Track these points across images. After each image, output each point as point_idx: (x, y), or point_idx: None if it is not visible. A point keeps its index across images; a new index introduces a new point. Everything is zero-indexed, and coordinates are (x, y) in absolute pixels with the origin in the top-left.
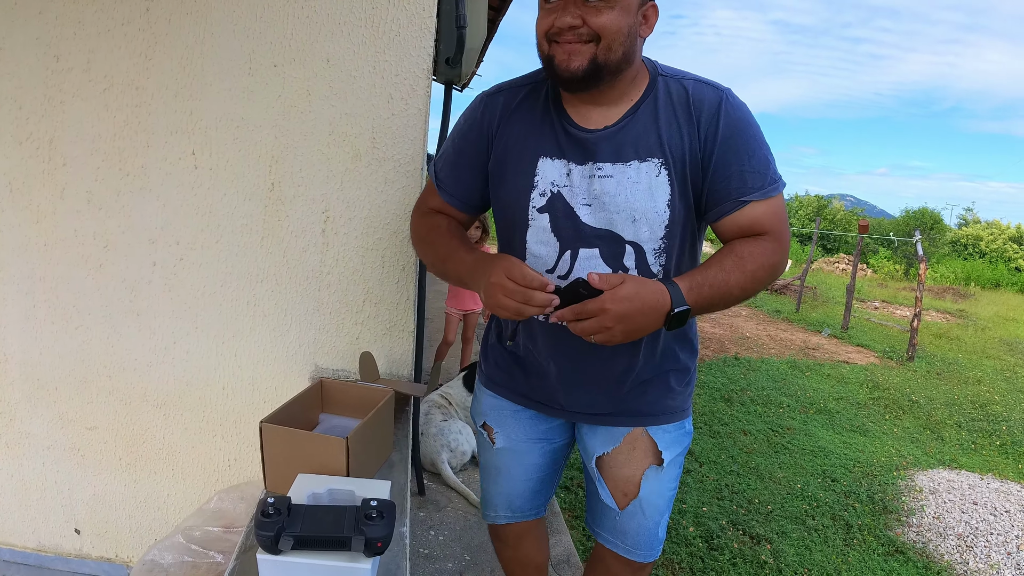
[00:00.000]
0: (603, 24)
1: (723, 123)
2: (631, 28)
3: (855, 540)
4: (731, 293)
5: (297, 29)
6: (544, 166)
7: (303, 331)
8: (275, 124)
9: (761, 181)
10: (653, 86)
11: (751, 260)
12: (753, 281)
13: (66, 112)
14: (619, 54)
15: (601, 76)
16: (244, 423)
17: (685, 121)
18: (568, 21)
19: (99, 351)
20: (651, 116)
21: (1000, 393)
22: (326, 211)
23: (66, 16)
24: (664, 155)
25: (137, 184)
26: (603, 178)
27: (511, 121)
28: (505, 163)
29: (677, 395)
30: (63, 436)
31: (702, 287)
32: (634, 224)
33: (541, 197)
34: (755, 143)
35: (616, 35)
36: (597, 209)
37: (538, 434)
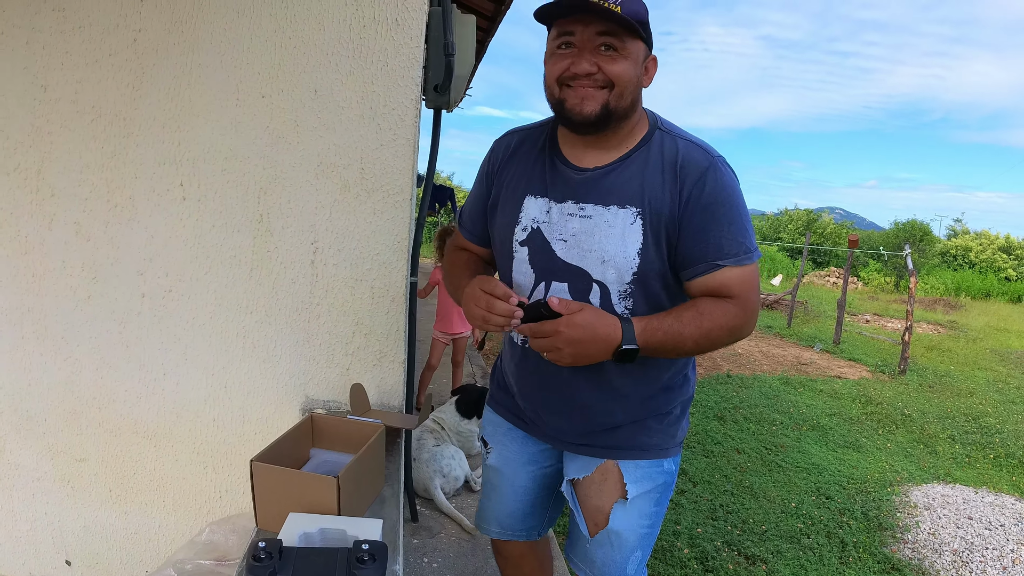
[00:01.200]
0: (618, 72)
1: (707, 189)
2: (638, 78)
3: (850, 558)
4: (683, 344)
5: (285, 59)
6: (528, 204)
7: (293, 362)
8: (263, 155)
9: (737, 249)
10: (649, 138)
11: (709, 319)
12: (707, 339)
13: (54, 143)
14: (628, 101)
15: (610, 121)
16: (235, 455)
17: (670, 179)
18: (586, 68)
19: (88, 382)
20: (640, 166)
21: (993, 405)
22: (315, 242)
23: (53, 47)
24: (642, 205)
25: (125, 215)
26: (583, 218)
27: (511, 162)
28: (499, 200)
29: (654, 433)
30: (53, 468)
31: (656, 332)
32: (602, 265)
33: (523, 232)
34: (735, 212)
35: (628, 83)
36: (571, 246)
37: (527, 456)
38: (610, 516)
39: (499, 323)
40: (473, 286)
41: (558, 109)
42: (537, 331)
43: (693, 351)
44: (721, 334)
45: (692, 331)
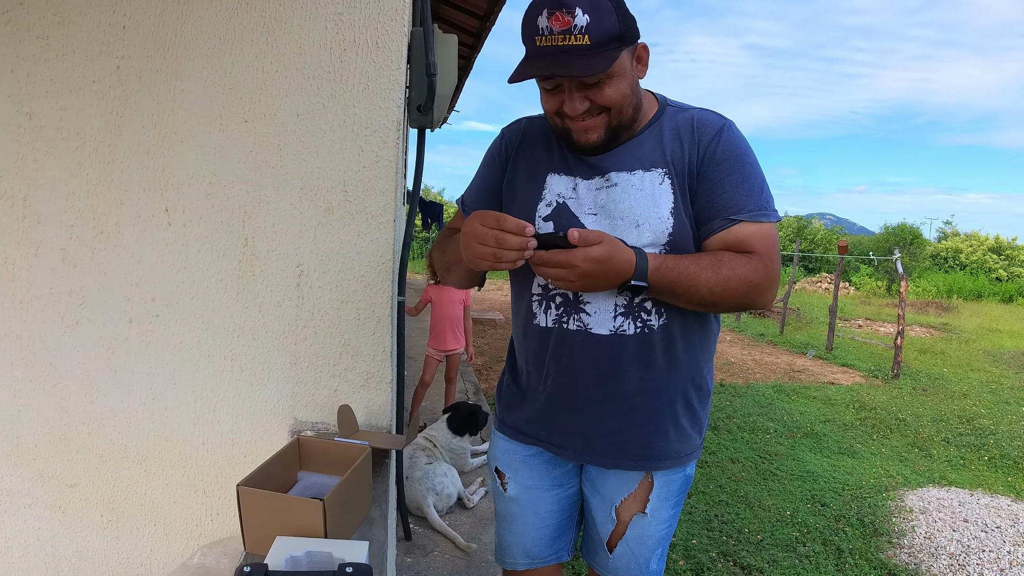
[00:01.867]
0: (609, 98)
1: (722, 145)
2: (633, 84)
3: (847, 565)
4: (697, 289)
5: (266, 84)
6: (552, 180)
7: (281, 385)
8: (247, 179)
9: (754, 204)
10: (660, 115)
11: (728, 266)
12: (724, 287)
13: (39, 170)
14: (630, 112)
15: (619, 136)
16: (225, 477)
17: (688, 140)
18: (577, 108)
19: (77, 408)
20: (657, 137)
21: (986, 406)
22: (300, 265)
23: (37, 74)
24: (668, 165)
25: (111, 241)
26: (609, 187)
27: (525, 145)
28: (516, 180)
29: (685, 437)
30: (43, 494)
31: (670, 271)
32: (637, 230)
33: (547, 207)
34: (750, 170)
35: (623, 101)
36: (602, 217)
37: (551, 480)
38: (628, 525)
39: (512, 258)
40: (472, 223)
41: (565, 137)
42: (551, 260)
43: (706, 300)
44: (739, 285)
45: (709, 276)
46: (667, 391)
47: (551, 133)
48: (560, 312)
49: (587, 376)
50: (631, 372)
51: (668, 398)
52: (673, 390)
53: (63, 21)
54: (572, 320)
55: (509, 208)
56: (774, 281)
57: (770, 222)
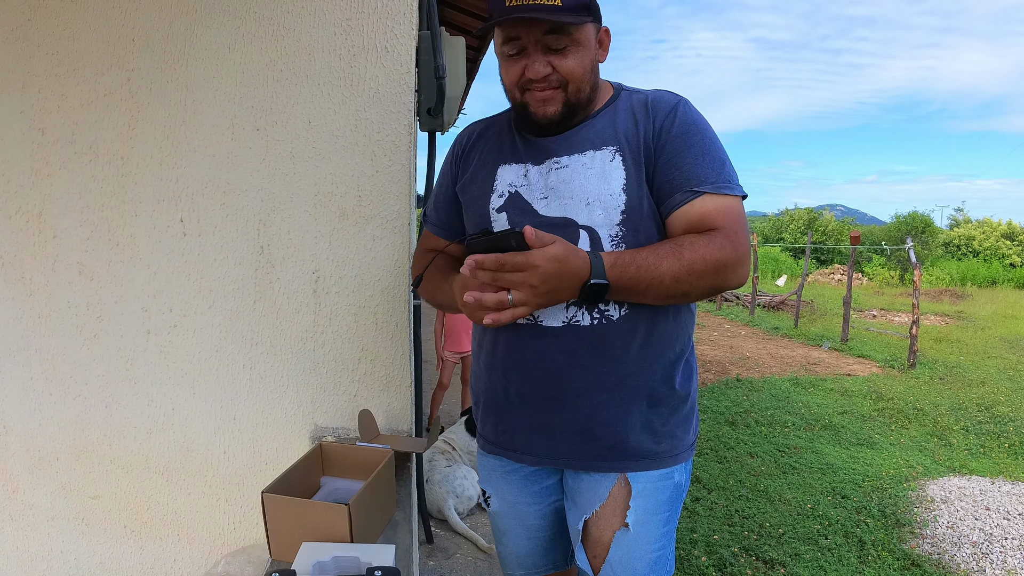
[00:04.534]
0: (570, 69)
1: (679, 120)
2: (593, 62)
3: (869, 557)
4: (660, 280)
5: (278, 92)
6: (503, 172)
7: (300, 391)
8: (261, 187)
9: (715, 177)
10: (615, 98)
11: (690, 250)
12: (689, 272)
13: (53, 185)
14: (587, 91)
15: (575, 114)
16: (247, 485)
17: (642, 116)
18: (540, 71)
19: (98, 420)
20: (610, 118)
21: (1005, 393)
22: (316, 271)
23: (49, 89)
24: (618, 143)
25: (127, 254)
26: (559, 169)
27: (476, 145)
28: (468, 179)
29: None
30: (67, 506)
31: (627, 266)
32: (588, 208)
33: (499, 198)
34: (710, 144)
35: (583, 76)
36: (552, 199)
37: (531, 496)
38: (611, 547)
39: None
40: (456, 292)
41: (521, 112)
42: (508, 263)
43: (673, 290)
44: (705, 267)
45: (671, 264)
46: (631, 387)
47: (503, 127)
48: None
49: (541, 372)
50: (588, 367)
51: (632, 395)
52: (639, 386)
53: (72, 36)
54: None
55: (464, 208)
56: (743, 258)
57: (734, 195)
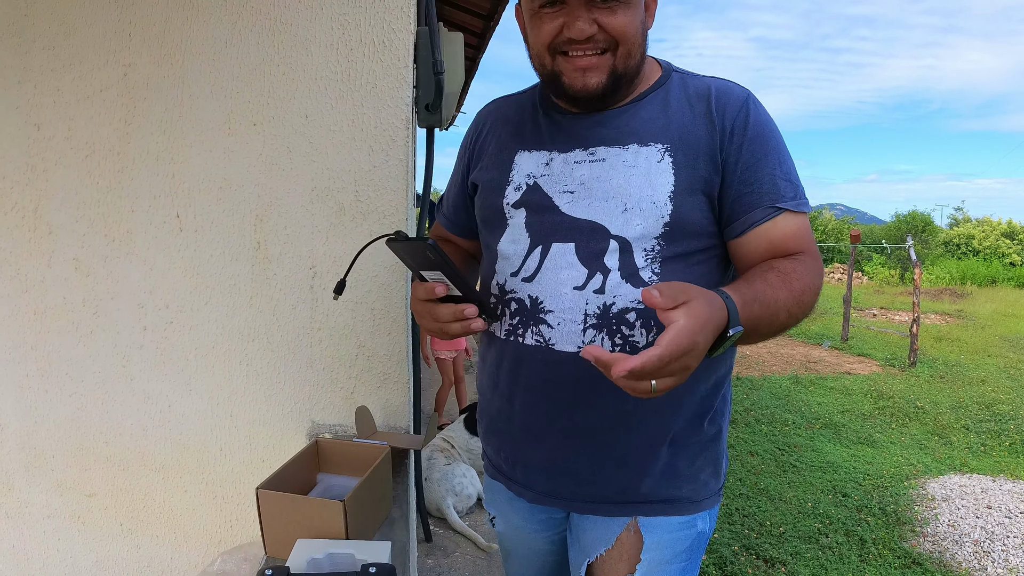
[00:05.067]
0: (622, 27)
1: (752, 121)
2: (644, 26)
3: (870, 555)
4: (777, 317)
5: (274, 87)
6: (521, 159)
7: (297, 388)
8: (257, 183)
9: (794, 191)
10: (666, 79)
11: (797, 278)
12: (799, 304)
13: (49, 180)
14: (637, 58)
15: (620, 88)
16: (243, 483)
17: (703, 113)
18: (584, 29)
19: (94, 417)
20: (661, 104)
21: (1005, 392)
22: (313, 267)
23: (45, 85)
24: (671, 140)
25: (123, 249)
26: (594, 162)
27: (495, 127)
28: (483, 167)
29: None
30: (63, 504)
31: (753, 304)
32: (624, 214)
33: (516, 192)
34: (784, 151)
35: (635, 38)
36: (581, 196)
37: (538, 523)
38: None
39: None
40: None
41: (553, 82)
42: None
43: (785, 325)
44: (810, 298)
45: (785, 297)
46: (654, 426)
47: (526, 106)
48: (515, 322)
49: (550, 402)
50: (605, 401)
51: (654, 435)
52: (662, 425)
53: (69, 31)
54: (530, 333)
55: (477, 203)
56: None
57: (807, 213)
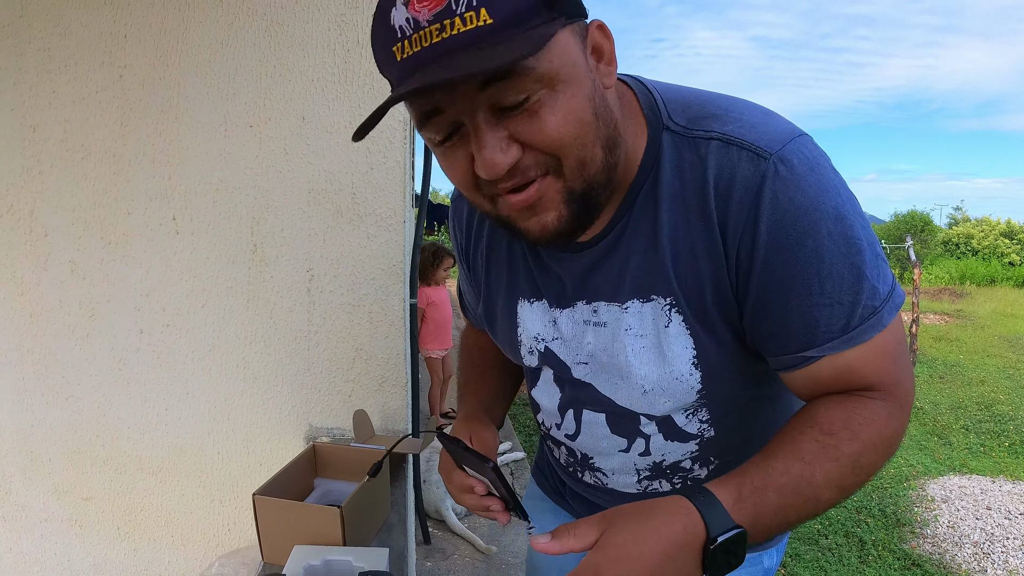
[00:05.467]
0: (555, 134)
1: (765, 224)
2: (594, 95)
3: (870, 557)
4: (818, 496)
5: (271, 88)
6: (524, 314)
7: (295, 391)
8: (254, 185)
9: (846, 318)
10: (655, 157)
11: (850, 437)
12: (855, 469)
13: (45, 182)
14: (600, 158)
15: (594, 209)
16: (241, 486)
17: (701, 225)
18: (497, 161)
19: (91, 420)
20: (651, 216)
21: (1005, 392)
22: (310, 270)
23: (40, 86)
24: (672, 290)
25: (119, 252)
26: (597, 326)
27: (480, 236)
28: (485, 298)
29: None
30: (59, 508)
31: (762, 492)
32: (645, 396)
33: (531, 356)
34: (829, 247)
35: (584, 136)
36: (595, 369)
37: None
38: None
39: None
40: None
41: (509, 229)
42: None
43: (834, 500)
44: (876, 457)
45: (827, 469)
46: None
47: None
48: (571, 460)
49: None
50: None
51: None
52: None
53: (64, 32)
54: (587, 473)
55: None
56: (909, 411)
57: (885, 326)
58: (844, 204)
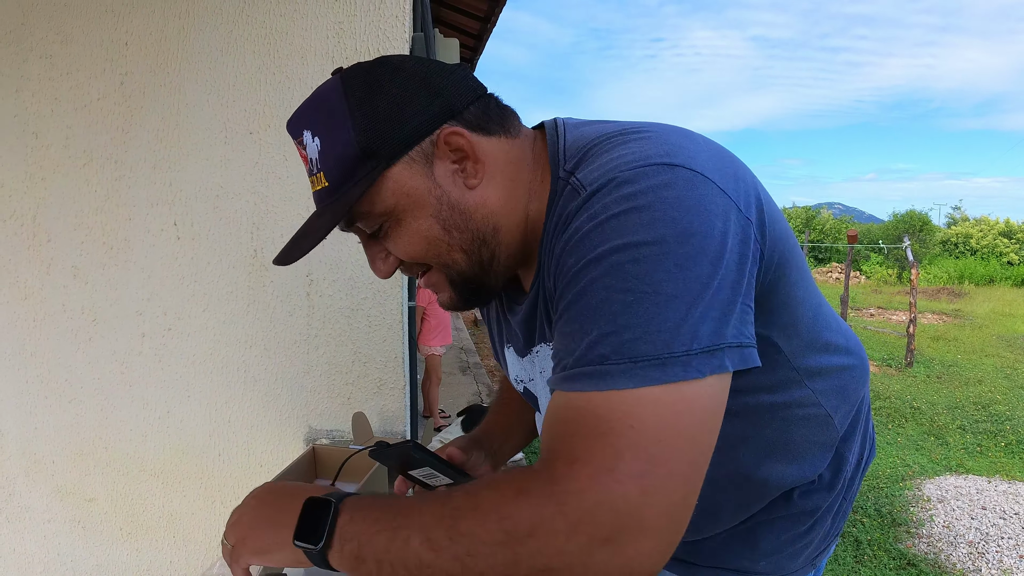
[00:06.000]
0: (407, 251)
1: (561, 250)
2: (439, 217)
3: (865, 556)
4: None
5: (270, 95)
6: (508, 357)
7: (294, 394)
8: (254, 191)
9: (573, 346)
10: (553, 204)
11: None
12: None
13: (48, 188)
14: (460, 259)
15: (483, 289)
16: (242, 487)
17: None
18: (381, 268)
19: (94, 423)
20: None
21: (1002, 392)
22: (309, 274)
23: (42, 93)
24: (543, 331)
25: (121, 257)
26: (543, 372)
27: None
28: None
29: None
30: (63, 509)
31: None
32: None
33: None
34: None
35: (433, 250)
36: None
37: None
38: None
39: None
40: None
41: None
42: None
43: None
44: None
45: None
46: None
47: None
48: None
49: None
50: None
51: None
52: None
53: (66, 40)
54: None
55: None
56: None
57: (612, 387)
58: (654, 242)
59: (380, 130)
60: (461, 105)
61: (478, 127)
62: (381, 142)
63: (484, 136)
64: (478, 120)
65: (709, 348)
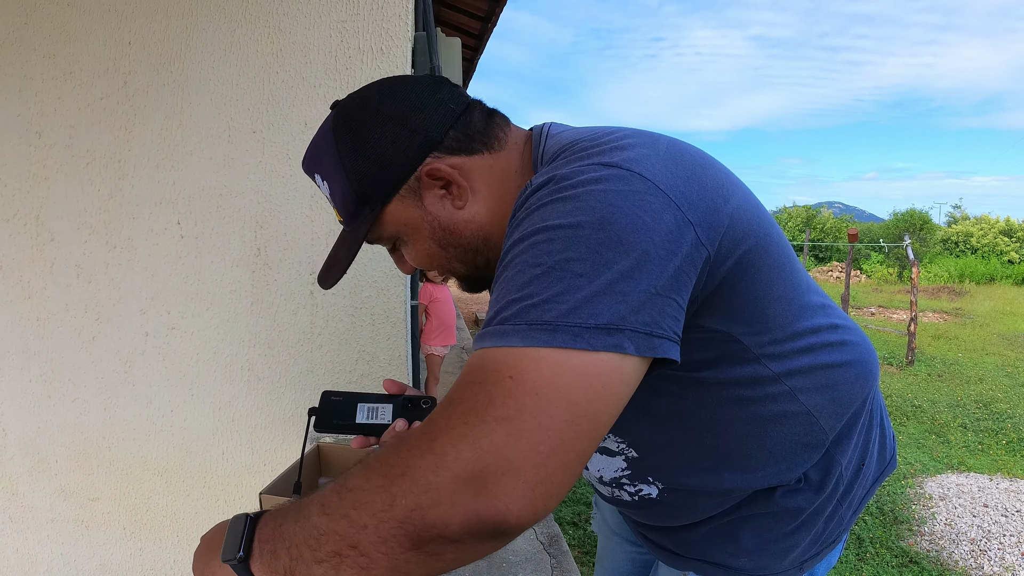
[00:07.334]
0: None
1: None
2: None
3: (868, 554)
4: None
5: (274, 94)
6: None
7: (298, 393)
8: (257, 190)
9: (489, 315)
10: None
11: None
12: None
13: (51, 188)
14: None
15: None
16: (246, 486)
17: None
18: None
19: (97, 422)
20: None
21: (1003, 390)
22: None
23: (46, 93)
24: None
25: (125, 256)
26: None
27: None
28: None
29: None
30: (66, 508)
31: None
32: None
33: None
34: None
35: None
36: None
37: (627, 533)
38: None
39: None
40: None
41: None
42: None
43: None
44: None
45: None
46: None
47: None
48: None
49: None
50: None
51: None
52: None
53: (69, 39)
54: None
55: None
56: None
57: (504, 344)
58: (570, 226)
59: (369, 178)
60: (440, 135)
61: (459, 150)
62: (372, 189)
63: (467, 157)
64: (459, 144)
65: (606, 326)
